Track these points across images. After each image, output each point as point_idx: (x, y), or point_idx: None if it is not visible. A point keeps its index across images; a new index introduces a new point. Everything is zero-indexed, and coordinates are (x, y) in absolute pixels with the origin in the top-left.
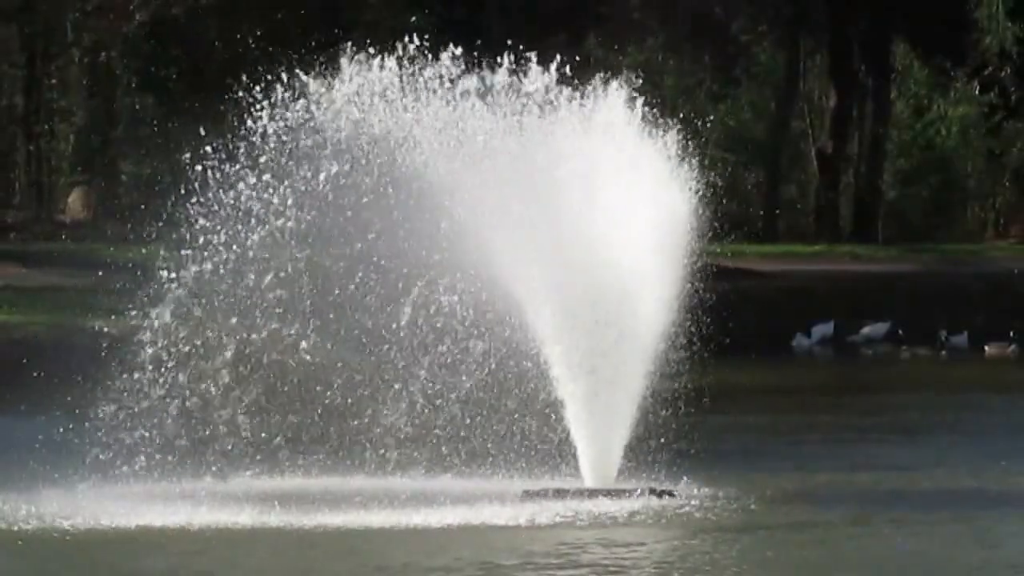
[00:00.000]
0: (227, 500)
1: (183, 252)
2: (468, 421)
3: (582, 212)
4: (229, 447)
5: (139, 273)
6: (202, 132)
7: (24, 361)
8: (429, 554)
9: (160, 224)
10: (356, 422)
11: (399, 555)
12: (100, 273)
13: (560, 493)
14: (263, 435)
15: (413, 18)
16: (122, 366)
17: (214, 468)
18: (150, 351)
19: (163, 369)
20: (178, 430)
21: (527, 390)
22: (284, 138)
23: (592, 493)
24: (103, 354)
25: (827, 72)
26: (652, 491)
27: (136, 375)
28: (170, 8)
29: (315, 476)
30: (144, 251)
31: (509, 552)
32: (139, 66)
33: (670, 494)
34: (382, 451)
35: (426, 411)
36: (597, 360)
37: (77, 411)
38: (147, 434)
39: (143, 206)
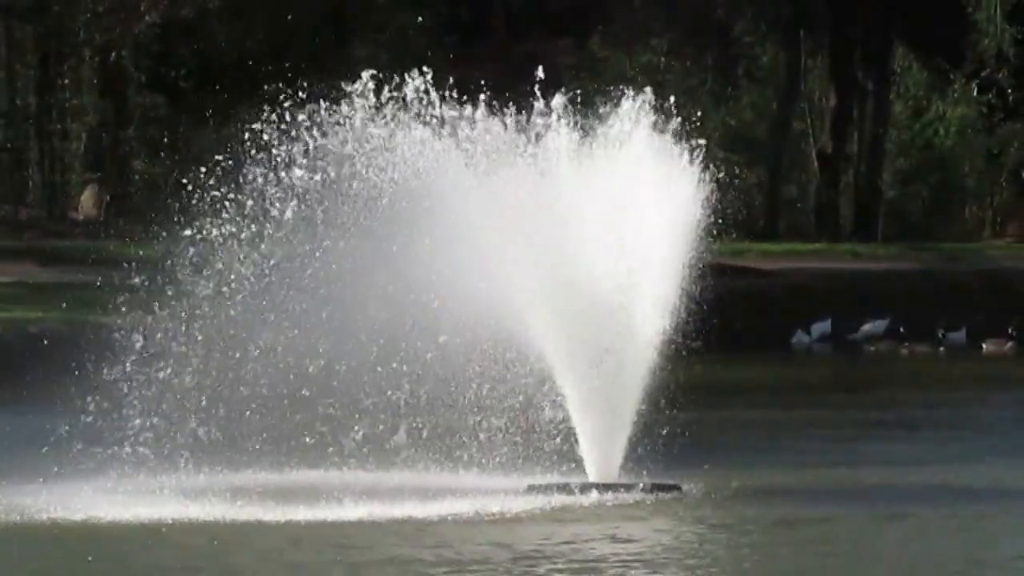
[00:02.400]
0: (226, 496)
1: (192, 249)
2: (473, 418)
3: (583, 211)
4: (231, 443)
5: (149, 270)
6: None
7: (35, 357)
8: (433, 548)
9: (170, 222)
10: (362, 418)
11: (402, 549)
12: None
13: (564, 488)
14: (265, 433)
15: (419, 19)
16: (126, 363)
17: (215, 463)
18: (153, 347)
19: (164, 367)
20: (179, 427)
21: (531, 386)
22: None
23: (596, 488)
24: (111, 350)
25: (828, 73)
26: (655, 486)
27: (138, 371)
28: (180, 9)
29: (315, 472)
30: (154, 249)
31: (513, 546)
32: (149, 66)
33: (673, 489)
34: (388, 447)
35: (433, 408)
36: (600, 355)
37: (79, 407)
38: (146, 431)
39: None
